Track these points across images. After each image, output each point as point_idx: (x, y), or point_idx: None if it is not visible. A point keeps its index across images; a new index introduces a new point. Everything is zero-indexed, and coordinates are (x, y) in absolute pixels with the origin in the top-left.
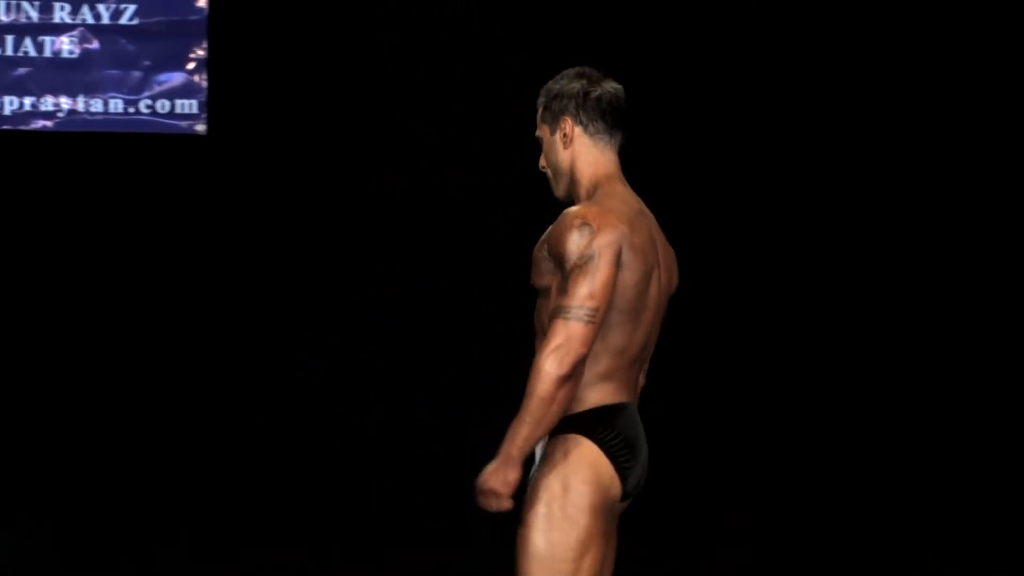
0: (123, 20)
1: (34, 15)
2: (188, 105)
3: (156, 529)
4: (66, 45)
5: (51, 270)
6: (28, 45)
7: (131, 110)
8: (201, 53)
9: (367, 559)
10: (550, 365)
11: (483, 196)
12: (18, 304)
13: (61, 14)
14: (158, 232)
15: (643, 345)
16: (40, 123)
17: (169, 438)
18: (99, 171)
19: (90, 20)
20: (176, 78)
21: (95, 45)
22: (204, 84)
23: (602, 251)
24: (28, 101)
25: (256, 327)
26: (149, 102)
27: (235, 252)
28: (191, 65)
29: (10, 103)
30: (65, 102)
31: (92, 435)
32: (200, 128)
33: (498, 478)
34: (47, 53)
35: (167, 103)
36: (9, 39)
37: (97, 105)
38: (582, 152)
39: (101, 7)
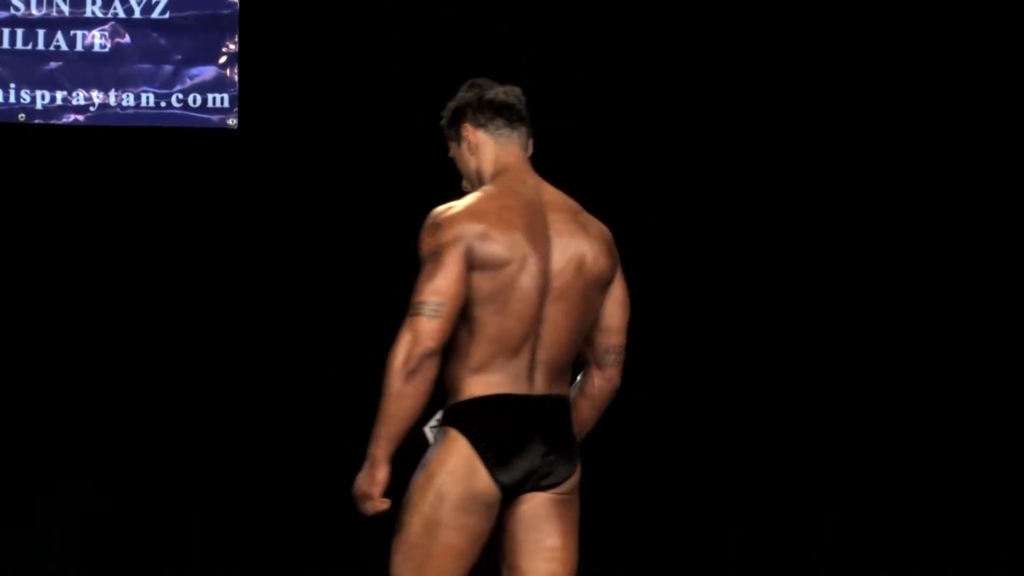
0: (155, 14)
1: (66, 9)
2: (220, 99)
3: (165, 529)
4: (98, 39)
5: (83, 263)
6: (60, 39)
7: (163, 104)
8: (232, 47)
9: (377, 558)
10: (395, 361)
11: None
12: (51, 297)
13: (93, 8)
14: (188, 226)
15: (524, 335)
16: (72, 117)
17: (179, 436)
18: (130, 165)
19: (122, 14)
20: (207, 72)
21: (127, 39)
22: (235, 78)
23: (447, 247)
24: (60, 95)
25: (268, 326)
26: (180, 96)
27: (264, 247)
28: (223, 59)
29: (42, 97)
30: (97, 96)
31: (101, 432)
32: (232, 122)
33: (365, 480)
34: (79, 47)
35: (198, 97)
36: (41, 33)
37: (129, 99)
38: (485, 152)
39: (133, 1)
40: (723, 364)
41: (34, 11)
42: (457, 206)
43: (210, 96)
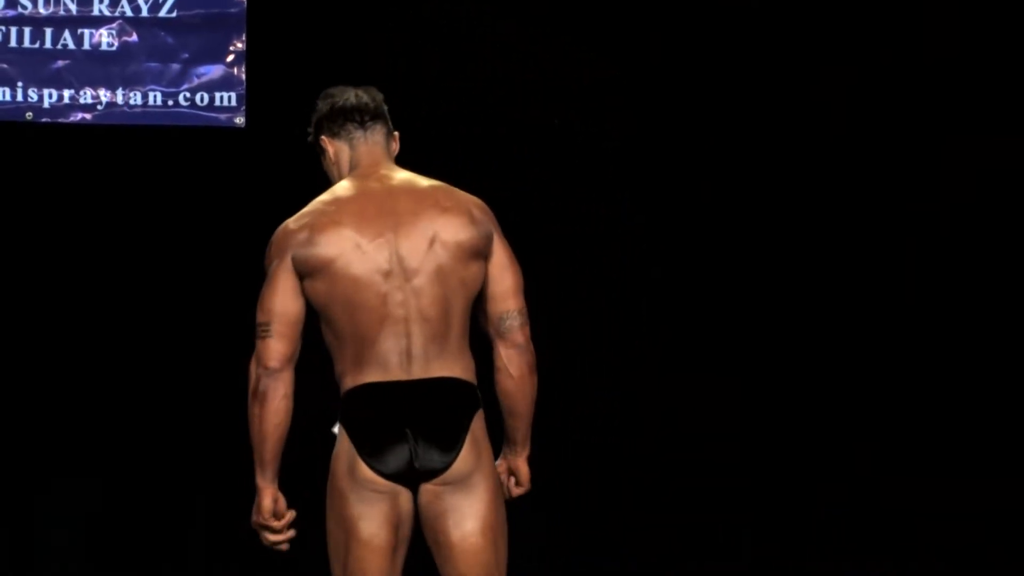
0: (162, 13)
1: (73, 8)
2: (227, 98)
3: (165, 529)
4: (105, 38)
5: (89, 262)
6: (67, 38)
7: (170, 103)
8: (240, 46)
9: None
10: (248, 386)
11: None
12: (57, 296)
13: (100, 7)
14: (196, 224)
15: (380, 321)
16: (79, 116)
17: (181, 436)
18: (138, 164)
19: (129, 13)
20: (215, 71)
21: (134, 38)
22: (243, 77)
23: (273, 265)
24: (67, 94)
25: None
26: (188, 95)
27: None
28: (230, 58)
29: (49, 96)
30: (104, 95)
31: (103, 431)
32: (239, 121)
33: (254, 510)
34: (86, 46)
35: (206, 96)
36: (48, 32)
37: (136, 98)
38: (342, 159)
39: (140, 0)
40: (711, 364)
41: (41, 9)
42: (290, 219)
43: (217, 95)
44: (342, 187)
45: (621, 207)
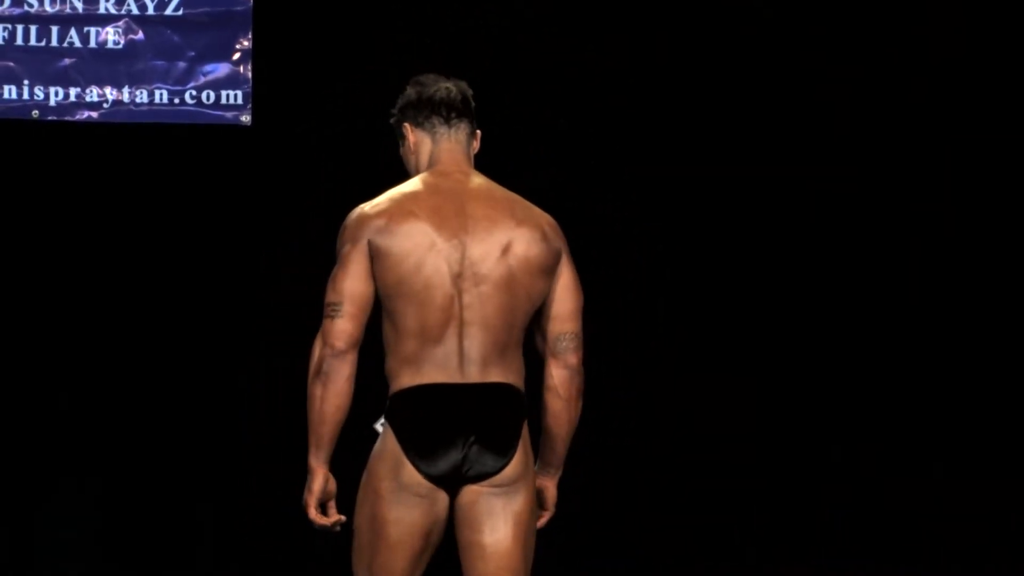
0: (168, 11)
1: (79, 6)
2: (233, 96)
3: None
4: (111, 36)
5: (96, 260)
6: (73, 36)
7: (176, 101)
8: (246, 44)
9: None
10: (310, 366)
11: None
12: (64, 294)
13: (106, 5)
14: (202, 222)
15: (444, 322)
16: (85, 114)
17: (187, 437)
18: (144, 162)
19: (135, 11)
20: (221, 69)
21: (140, 36)
22: (249, 75)
23: (348, 247)
24: (73, 92)
25: (281, 323)
26: (194, 93)
27: (277, 243)
28: (236, 56)
29: (55, 94)
30: (110, 93)
31: (109, 432)
32: (245, 119)
33: (306, 492)
34: (92, 44)
35: (212, 94)
36: (54, 30)
37: (142, 96)
38: (422, 150)
39: None
40: (726, 365)
41: (48, 8)
42: (366, 204)
43: (224, 93)
44: (420, 182)
45: (636, 208)
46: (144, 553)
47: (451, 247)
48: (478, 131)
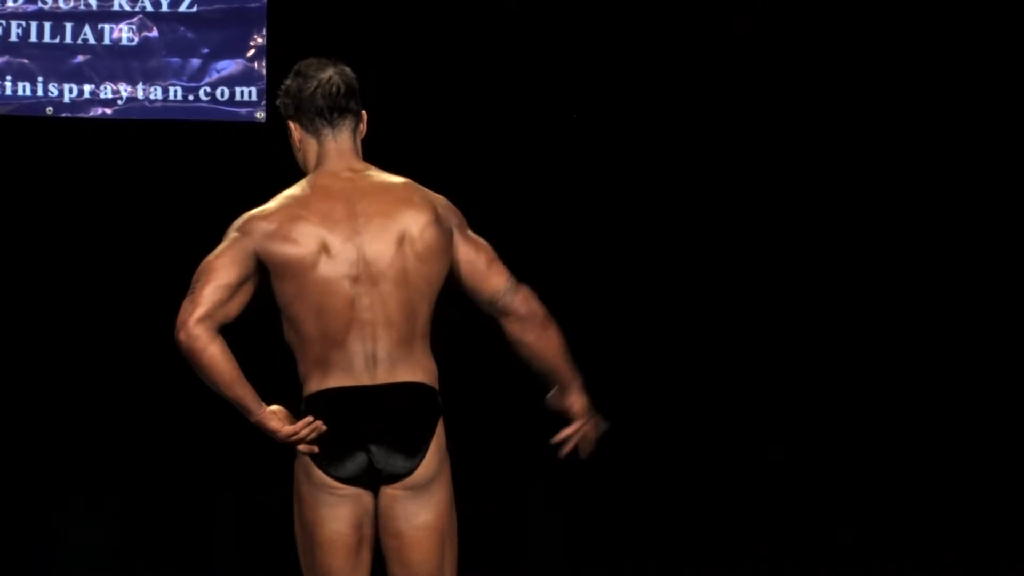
0: (182, 8)
1: (93, 3)
2: (247, 92)
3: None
4: (125, 32)
5: (112, 255)
6: (87, 32)
7: (190, 97)
8: (260, 40)
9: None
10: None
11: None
12: (78, 292)
13: (120, 2)
14: (216, 219)
15: (345, 325)
16: (99, 110)
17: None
18: (158, 159)
19: (149, 7)
20: (235, 65)
21: (154, 33)
22: (263, 72)
23: (232, 238)
24: (87, 88)
25: None
26: (208, 89)
27: None
28: (250, 52)
29: (69, 91)
30: (124, 90)
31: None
32: (259, 115)
33: (273, 435)
34: (106, 41)
35: (226, 90)
36: (68, 27)
37: (156, 92)
38: (308, 149)
39: None
40: (724, 365)
41: (62, 5)
42: (254, 210)
43: (238, 89)
44: (309, 184)
45: (637, 204)
46: (159, 563)
47: (345, 249)
48: (364, 113)
